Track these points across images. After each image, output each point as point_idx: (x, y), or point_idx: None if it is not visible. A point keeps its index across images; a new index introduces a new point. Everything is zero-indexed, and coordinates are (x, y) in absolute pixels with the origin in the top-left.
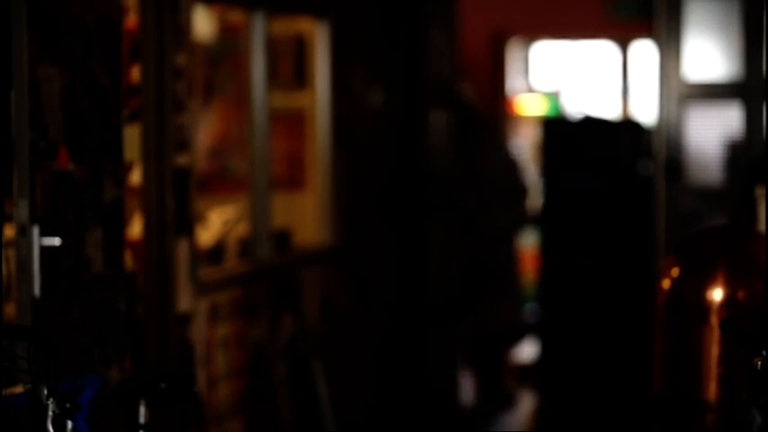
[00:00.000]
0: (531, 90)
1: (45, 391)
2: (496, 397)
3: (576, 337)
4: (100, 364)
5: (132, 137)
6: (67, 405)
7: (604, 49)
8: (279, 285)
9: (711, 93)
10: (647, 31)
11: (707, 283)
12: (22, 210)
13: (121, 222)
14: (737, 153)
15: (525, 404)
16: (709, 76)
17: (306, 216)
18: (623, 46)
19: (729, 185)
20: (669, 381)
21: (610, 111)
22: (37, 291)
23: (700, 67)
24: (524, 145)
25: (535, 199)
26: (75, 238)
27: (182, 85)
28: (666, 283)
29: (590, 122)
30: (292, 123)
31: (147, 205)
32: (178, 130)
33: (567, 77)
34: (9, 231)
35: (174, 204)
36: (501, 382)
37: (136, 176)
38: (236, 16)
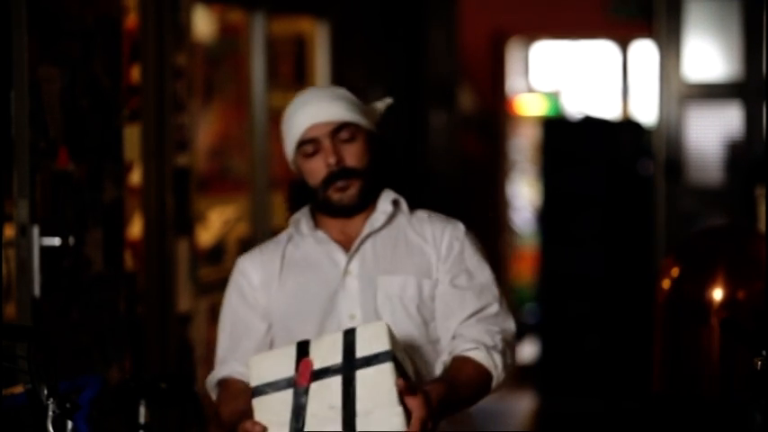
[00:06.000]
0: (531, 90)
1: (45, 391)
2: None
3: (576, 337)
4: (100, 364)
5: (132, 137)
6: (67, 405)
7: (604, 49)
8: None
9: (711, 93)
10: (647, 31)
11: (707, 283)
12: (22, 210)
13: (121, 222)
14: (737, 153)
15: (525, 404)
16: (709, 76)
17: None
18: (623, 46)
19: (729, 185)
20: (669, 380)
21: (610, 111)
22: (37, 291)
23: (700, 67)
24: (524, 145)
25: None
26: (75, 238)
27: (182, 85)
28: (666, 283)
29: (590, 122)
30: None
31: (147, 205)
32: (178, 130)
33: (567, 77)
34: (9, 231)
35: (174, 204)
36: None
37: (136, 176)
38: (236, 16)
